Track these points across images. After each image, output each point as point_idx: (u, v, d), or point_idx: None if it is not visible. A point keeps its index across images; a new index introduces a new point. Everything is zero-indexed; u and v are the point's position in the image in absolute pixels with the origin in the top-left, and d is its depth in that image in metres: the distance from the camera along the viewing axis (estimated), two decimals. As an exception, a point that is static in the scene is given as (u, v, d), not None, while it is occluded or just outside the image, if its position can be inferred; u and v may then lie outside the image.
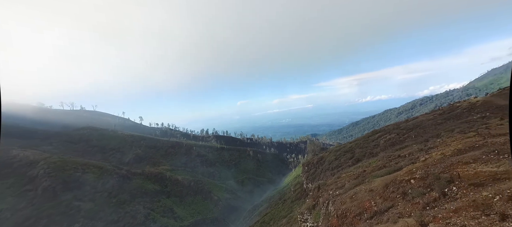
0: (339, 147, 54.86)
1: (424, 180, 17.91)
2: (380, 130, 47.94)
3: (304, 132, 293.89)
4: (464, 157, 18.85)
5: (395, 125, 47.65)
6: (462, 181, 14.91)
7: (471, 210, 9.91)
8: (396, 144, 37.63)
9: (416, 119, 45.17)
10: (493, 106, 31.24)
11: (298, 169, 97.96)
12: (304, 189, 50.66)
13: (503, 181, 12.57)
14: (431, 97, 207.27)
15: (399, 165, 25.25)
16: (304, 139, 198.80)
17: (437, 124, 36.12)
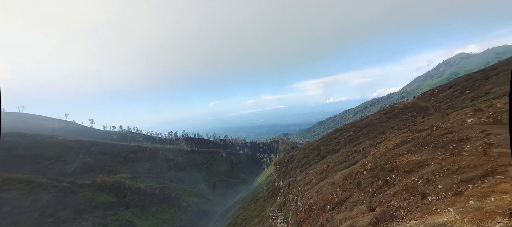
0: (307, 145, 59.34)
1: (373, 171, 21.11)
2: (341, 129, 54.21)
3: (276, 132, 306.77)
4: (400, 150, 23.13)
5: (352, 124, 54.74)
6: (399, 169, 18.22)
7: (404, 193, 12.16)
8: (353, 141, 43.22)
9: (367, 118, 53.02)
10: (418, 107, 39.49)
11: (271, 168, 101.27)
12: (276, 187, 52.65)
13: (424, 167, 16.00)
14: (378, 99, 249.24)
15: (355, 159, 29.06)
16: (277, 138, 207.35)
17: (382, 122, 43.22)
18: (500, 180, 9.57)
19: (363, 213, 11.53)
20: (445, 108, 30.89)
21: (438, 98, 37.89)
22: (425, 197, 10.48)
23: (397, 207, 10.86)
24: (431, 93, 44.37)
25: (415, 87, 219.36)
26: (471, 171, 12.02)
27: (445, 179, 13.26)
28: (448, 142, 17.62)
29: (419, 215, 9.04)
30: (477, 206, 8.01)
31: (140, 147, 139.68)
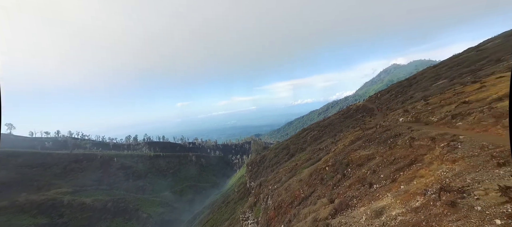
0: (278, 145, 61.93)
1: (333, 166, 23.71)
2: (307, 128, 58.92)
3: (248, 133, 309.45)
4: (354, 146, 26.79)
5: (317, 124, 60.30)
6: (353, 163, 21.07)
7: (356, 184, 14.07)
8: (318, 139, 47.60)
9: (329, 118, 59.41)
10: (367, 108, 46.86)
11: (243, 169, 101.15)
12: (247, 188, 52.83)
13: (371, 160, 19.02)
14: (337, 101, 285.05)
15: (319, 156, 32.03)
16: (249, 139, 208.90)
17: (341, 122, 49.21)
18: (419, 167, 12.25)
19: (324, 205, 12.71)
20: (385, 109, 37.68)
21: (380, 101, 45.97)
22: (372, 186, 12.42)
23: (351, 197, 12.45)
24: (376, 97, 53.50)
25: (364, 91, 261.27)
26: (402, 161, 14.95)
27: (386, 169, 16.06)
28: (387, 138, 21.31)
29: (367, 202, 10.61)
30: (405, 189, 10.00)
31: (87, 155, 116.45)
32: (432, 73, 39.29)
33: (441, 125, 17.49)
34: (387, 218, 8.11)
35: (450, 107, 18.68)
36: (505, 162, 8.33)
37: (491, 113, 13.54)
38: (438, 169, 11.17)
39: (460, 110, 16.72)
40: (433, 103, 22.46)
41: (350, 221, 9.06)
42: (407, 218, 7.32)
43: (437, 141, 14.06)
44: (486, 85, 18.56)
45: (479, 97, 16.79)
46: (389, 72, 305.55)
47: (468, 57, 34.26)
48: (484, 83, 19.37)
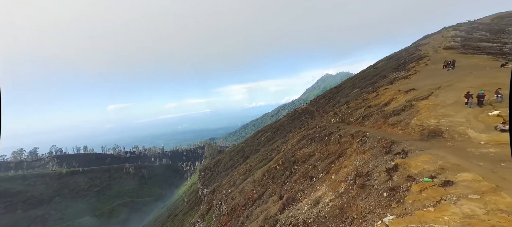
0: (233, 147, 61.54)
1: (283, 164, 25.99)
2: (261, 130, 62.06)
3: (202, 137, 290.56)
4: (300, 145, 30.56)
5: (270, 126, 64.69)
6: (299, 160, 23.92)
7: (301, 179, 15.97)
8: (271, 140, 50.99)
9: (280, 121, 65.22)
10: (309, 111, 55.00)
11: (195, 176, 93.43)
12: (199, 196, 49.12)
13: (312, 156, 22.31)
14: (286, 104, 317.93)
15: (272, 156, 34.30)
16: (202, 144, 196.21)
17: (290, 123, 55.05)
18: (344, 159, 15.46)
19: (275, 203, 13.57)
20: (322, 112, 45.57)
21: (319, 104, 55.25)
22: (312, 179, 14.47)
23: (297, 191, 13.95)
24: (315, 101, 63.92)
25: (307, 96, 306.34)
26: (333, 155, 18.38)
27: (322, 163, 19.23)
28: (324, 136, 25.54)
29: (308, 194, 12.22)
30: (334, 179, 12.31)
31: None
32: (350, 83, 51.29)
33: (357, 124, 22.84)
34: (322, 205, 9.61)
35: (361, 110, 24.86)
36: (389, 150, 11.87)
37: (381, 115, 19.02)
38: (355, 160, 14.50)
39: (367, 113, 22.52)
40: (352, 107, 29.17)
41: (295, 214, 10.06)
42: (335, 202, 8.96)
43: (354, 137, 18.17)
44: (379, 94, 26.08)
45: (375, 103, 23.30)
46: (324, 80, 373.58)
47: (369, 73, 47.21)
48: (378, 92, 27.13)
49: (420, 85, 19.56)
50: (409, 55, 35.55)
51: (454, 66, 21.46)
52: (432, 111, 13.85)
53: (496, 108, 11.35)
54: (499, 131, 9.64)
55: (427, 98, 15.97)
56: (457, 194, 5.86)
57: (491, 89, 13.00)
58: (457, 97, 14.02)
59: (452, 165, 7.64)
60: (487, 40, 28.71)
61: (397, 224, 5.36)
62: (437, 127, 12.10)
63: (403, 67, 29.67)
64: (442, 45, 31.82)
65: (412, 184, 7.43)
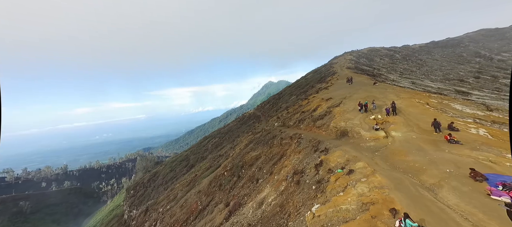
0: (175, 157, 54.26)
1: (231, 170, 25.71)
2: (209, 136, 58.91)
3: (133, 148, 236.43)
4: (247, 149, 31.50)
5: (218, 131, 62.69)
6: (246, 164, 24.53)
7: (248, 182, 16.36)
8: (218, 146, 49.26)
9: (228, 125, 64.74)
10: (256, 116, 58.39)
11: (119, 197, 74.06)
12: (125, 220, 39.22)
13: (259, 159, 23.60)
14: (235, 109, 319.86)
15: (219, 163, 33.08)
16: (133, 155, 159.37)
17: (238, 128, 55.79)
18: (285, 159, 17.45)
19: (221, 211, 13.01)
20: (267, 116, 49.65)
21: (264, 109, 59.89)
22: (258, 181, 15.19)
23: (243, 195, 14.10)
24: (261, 106, 68.89)
25: (253, 101, 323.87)
26: (276, 157, 20.29)
27: (267, 165, 20.71)
28: (268, 139, 27.64)
29: (254, 196, 12.67)
30: (277, 179, 13.58)
31: None
32: (289, 90, 59.48)
33: (295, 127, 26.51)
34: (266, 205, 10.22)
35: (298, 115, 29.26)
36: (317, 148, 14.61)
37: (311, 119, 23.24)
38: (293, 159, 16.70)
39: (301, 117, 26.76)
40: (291, 112, 33.71)
41: (240, 219, 10.06)
42: (277, 200, 9.80)
43: (293, 139, 20.91)
44: (309, 101, 31.89)
45: (307, 109, 28.26)
46: (268, 87, 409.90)
47: (302, 82, 56.99)
48: (308, 100, 33.10)
49: (335, 95, 25.66)
50: (326, 70, 46.04)
51: (352, 82, 29.85)
52: (342, 116, 18.49)
53: (373, 114, 16.82)
54: (374, 130, 14.29)
55: (339, 106, 21.17)
56: (356, 179, 8.04)
57: (370, 100, 19.20)
58: (354, 105, 19.56)
59: (353, 157, 10.44)
60: (367, 65, 42.45)
61: (320, 211, 6.58)
62: (345, 128, 16.25)
63: (324, 80, 37.97)
64: (345, 65, 43.70)
65: (331, 175, 9.47)
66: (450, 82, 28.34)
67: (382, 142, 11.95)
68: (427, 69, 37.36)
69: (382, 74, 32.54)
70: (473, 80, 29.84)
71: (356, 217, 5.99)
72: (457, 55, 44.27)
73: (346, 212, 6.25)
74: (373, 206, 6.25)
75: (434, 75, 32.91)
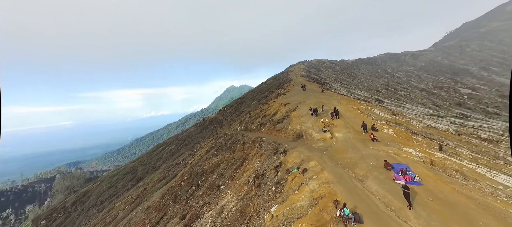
0: (117, 170, 44.81)
1: (189, 179, 23.55)
2: (163, 143, 52.17)
3: (51, 164, 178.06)
4: (208, 155, 29.81)
5: (175, 137, 56.54)
6: (206, 171, 23.09)
7: (208, 191, 15.40)
8: (175, 154, 44.35)
9: (187, 131, 59.61)
10: (218, 120, 56.59)
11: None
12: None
13: (220, 165, 22.73)
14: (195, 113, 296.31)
15: (176, 172, 29.71)
16: (49, 174, 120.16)
17: (198, 133, 52.21)
18: (247, 163, 17.57)
19: (175, 226, 11.58)
20: (230, 120, 48.99)
21: (227, 113, 58.89)
22: (219, 188, 14.53)
23: (202, 205, 13.12)
24: (224, 110, 67.44)
25: (215, 105, 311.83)
26: (239, 161, 20.15)
27: (229, 170, 20.22)
28: (231, 144, 27.17)
29: (214, 204, 12.01)
30: (239, 183, 13.44)
31: None
32: (251, 95, 61.16)
33: (257, 131, 27.26)
34: (226, 212, 9.88)
35: (259, 119, 30.34)
36: (276, 151, 15.52)
37: (272, 122, 24.63)
38: (255, 162, 17.03)
39: (263, 121, 27.90)
40: (253, 116, 34.58)
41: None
42: (238, 206, 9.65)
43: (255, 142, 21.38)
44: (270, 106, 33.84)
45: (268, 113, 29.83)
46: (230, 91, 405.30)
47: (263, 87, 60.01)
48: (269, 104, 35.08)
49: (291, 100, 28.27)
50: (284, 77, 50.45)
51: (305, 89, 33.84)
52: (298, 120, 20.53)
53: (321, 117, 19.59)
54: (323, 132, 16.65)
55: (295, 110, 23.44)
56: (308, 177, 9.02)
57: (320, 105, 22.32)
58: (307, 110, 22.19)
59: (307, 157, 11.70)
60: (316, 74, 49.52)
61: (278, 211, 6.96)
62: (300, 130, 18.09)
63: (282, 86, 41.36)
64: (299, 74, 49.28)
65: (288, 175, 10.22)
66: (371, 92, 36.72)
67: (329, 142, 14.02)
68: (357, 81, 47.07)
69: (328, 83, 38.49)
70: (384, 91, 39.86)
71: (308, 212, 6.69)
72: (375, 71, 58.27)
73: (300, 208, 6.89)
74: (321, 200, 7.17)
75: (362, 86, 41.75)
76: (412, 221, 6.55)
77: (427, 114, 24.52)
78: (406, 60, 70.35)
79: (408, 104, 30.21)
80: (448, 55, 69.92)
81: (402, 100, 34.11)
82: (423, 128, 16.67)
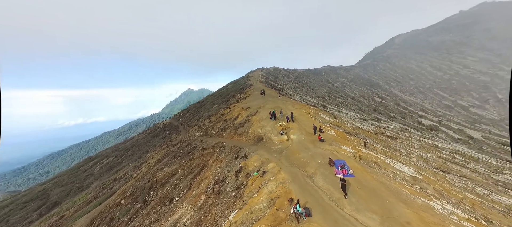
0: (13, 197, 31.89)
1: (133, 195, 19.69)
2: (97, 156, 41.72)
3: None
4: (160, 165, 26.09)
5: (114, 147, 46.43)
6: (157, 184, 20.05)
7: (157, 206, 13.35)
8: (114, 167, 36.28)
9: (132, 139, 50.34)
10: (173, 126, 50.98)
11: None
12: None
13: (175, 175, 20.33)
14: (143, 119, 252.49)
15: (114, 189, 24.18)
16: None
17: (147, 141, 45.08)
18: (206, 170, 16.48)
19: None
20: (187, 126, 45.01)
21: (183, 119, 53.97)
22: (171, 201, 12.85)
23: (149, 223, 11.20)
24: (179, 115, 61.47)
25: (169, 110, 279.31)
26: (197, 169, 18.63)
27: (185, 180, 18.32)
28: (188, 151, 24.90)
29: (164, 220, 10.49)
30: (195, 193, 12.36)
31: None
32: (211, 99, 58.88)
33: (217, 136, 26.24)
34: (180, 226, 8.82)
35: (220, 124, 29.44)
36: (238, 155, 15.41)
37: (233, 127, 24.42)
38: (214, 169, 16.21)
39: (224, 125, 27.23)
40: (213, 121, 33.20)
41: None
42: (193, 218, 8.82)
43: (215, 148, 20.45)
44: (231, 110, 33.59)
45: (229, 117, 29.46)
46: (187, 94, 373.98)
47: (223, 92, 59.18)
48: (230, 109, 34.78)
49: (252, 105, 29.11)
50: (244, 82, 51.67)
51: (264, 94, 35.74)
52: (258, 124, 21.25)
53: (279, 121, 21.13)
54: (281, 135, 17.94)
55: (256, 114, 24.22)
56: (267, 179, 9.40)
57: (278, 109, 24.06)
58: (267, 114, 23.41)
59: (266, 159, 12.20)
60: (273, 81, 53.56)
61: (237, 217, 6.83)
62: (260, 134, 18.76)
63: (243, 91, 42.10)
64: (258, 79, 51.76)
65: (248, 179, 10.29)
66: (318, 98, 43.05)
67: (285, 144, 15.19)
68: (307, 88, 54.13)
69: (284, 89, 42.20)
70: (327, 98, 47.63)
71: (266, 213, 6.92)
72: (320, 81, 68.99)
73: (259, 211, 7.04)
74: (278, 199, 7.61)
75: (311, 93, 48.27)
76: (347, 207, 7.94)
77: (356, 117, 30.95)
78: (341, 72, 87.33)
79: (344, 109, 37.18)
80: (367, 71, 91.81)
81: (340, 106, 41.66)
82: (354, 129, 20.84)
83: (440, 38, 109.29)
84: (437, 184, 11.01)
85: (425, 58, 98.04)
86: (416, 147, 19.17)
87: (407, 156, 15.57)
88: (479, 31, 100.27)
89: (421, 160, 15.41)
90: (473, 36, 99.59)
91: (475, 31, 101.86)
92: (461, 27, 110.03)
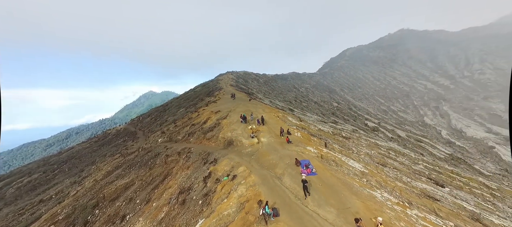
0: None
1: (69, 217, 15.82)
2: (11, 174, 31.81)
3: None
4: (110, 177, 22.04)
5: (42, 161, 36.59)
6: (105, 200, 16.78)
7: (105, 225, 11.18)
8: (41, 185, 28.48)
9: (72, 149, 40.96)
10: (129, 132, 44.32)
11: None
12: None
13: (130, 187, 17.55)
14: (88, 125, 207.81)
15: (38, 214, 18.85)
16: None
17: (93, 151, 37.55)
18: (169, 179, 14.92)
19: None
20: (147, 132, 39.92)
21: (143, 124, 47.69)
22: (124, 218, 10.98)
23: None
24: (138, 120, 54.01)
25: (125, 114, 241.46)
26: (158, 178, 16.63)
27: (143, 192, 16.05)
28: (148, 159, 22.07)
29: (116, 245, 8.84)
30: (156, 206, 10.99)
31: None
32: (177, 102, 54.41)
33: (184, 141, 24.29)
34: (136, 249, 7.61)
35: (187, 128, 27.44)
36: (206, 160, 14.62)
37: (202, 131, 23.18)
38: (179, 177, 14.85)
39: (191, 130, 25.50)
40: (179, 125, 30.65)
41: None
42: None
43: (181, 154, 18.83)
44: (200, 114, 31.89)
45: (198, 121, 27.87)
46: (148, 97, 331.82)
47: (191, 95, 55.85)
48: (198, 112, 33.00)
49: (222, 108, 28.45)
50: (214, 86, 50.19)
51: (235, 98, 35.57)
52: (229, 127, 20.85)
53: (250, 124, 21.35)
54: (251, 138, 18.13)
55: (226, 118, 23.72)
56: (238, 183, 9.26)
57: (249, 113, 24.30)
58: (237, 117, 23.29)
59: (237, 163, 12.03)
60: (244, 85, 54.23)
61: (204, 225, 6.42)
62: (231, 138, 18.43)
63: (212, 94, 40.69)
64: (228, 83, 51.24)
65: (218, 184, 9.87)
66: (286, 102, 45.95)
67: (256, 147, 15.40)
68: (276, 93, 57.09)
69: (254, 93, 43.12)
70: (294, 102, 51.43)
71: (235, 218, 6.77)
72: (287, 86, 74.10)
73: (227, 217, 6.82)
74: (248, 203, 7.59)
75: (279, 97, 51.07)
76: (310, 204, 8.64)
77: (318, 120, 34.49)
78: (305, 79, 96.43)
79: (308, 113, 40.84)
80: (326, 78, 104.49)
81: (305, 109, 45.58)
82: (317, 131, 23.11)
83: (377, 54, 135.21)
84: (378, 176, 13.33)
85: (368, 69, 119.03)
86: (363, 145, 22.76)
87: (357, 154, 18.27)
88: (402, 51, 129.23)
89: (367, 156, 18.37)
90: (398, 54, 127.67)
91: (399, 50, 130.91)
92: (390, 47, 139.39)
